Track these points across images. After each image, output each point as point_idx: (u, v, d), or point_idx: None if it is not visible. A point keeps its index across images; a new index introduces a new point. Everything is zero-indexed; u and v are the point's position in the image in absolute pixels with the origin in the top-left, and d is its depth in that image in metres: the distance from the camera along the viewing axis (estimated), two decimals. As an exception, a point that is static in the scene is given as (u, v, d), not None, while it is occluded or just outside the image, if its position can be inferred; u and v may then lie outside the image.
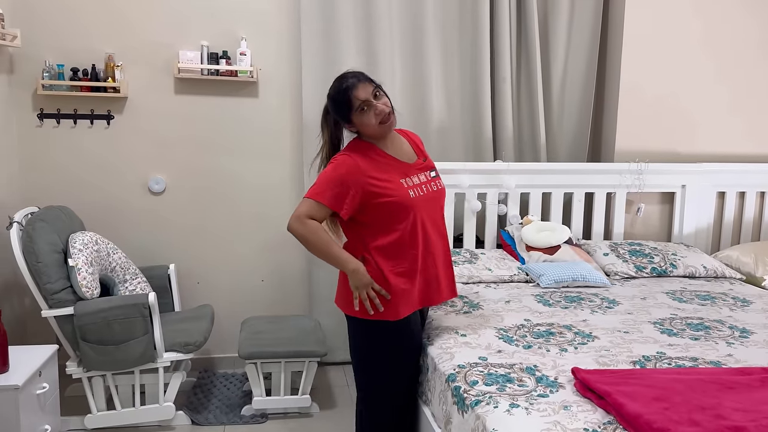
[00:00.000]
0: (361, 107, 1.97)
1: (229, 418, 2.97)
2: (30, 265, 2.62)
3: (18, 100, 3.20)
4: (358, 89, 1.97)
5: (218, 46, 3.30)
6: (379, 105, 1.98)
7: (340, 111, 2.02)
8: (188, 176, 3.40)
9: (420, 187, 2.05)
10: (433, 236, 2.08)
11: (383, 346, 2.07)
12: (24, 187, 3.24)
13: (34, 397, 2.40)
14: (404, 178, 2.03)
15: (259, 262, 3.55)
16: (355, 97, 1.96)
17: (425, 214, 2.04)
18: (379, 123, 2.00)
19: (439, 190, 2.12)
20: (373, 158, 2.03)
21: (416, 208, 2.02)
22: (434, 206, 2.10)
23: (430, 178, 2.10)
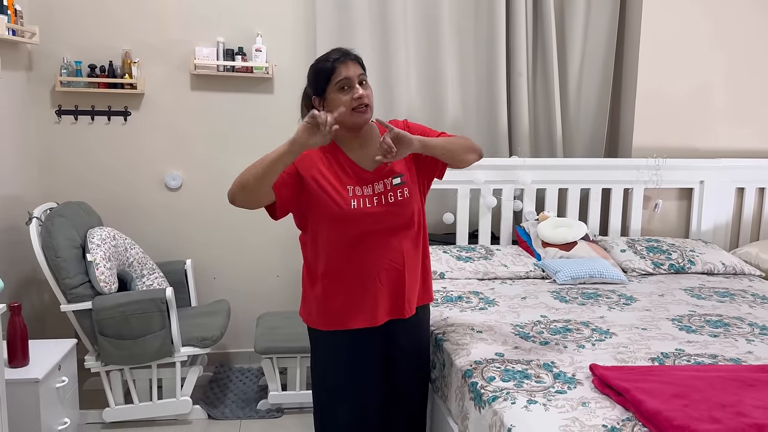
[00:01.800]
0: (341, 85, 1.79)
1: (245, 413, 2.99)
2: (49, 260, 2.65)
3: (36, 97, 3.23)
4: (348, 66, 1.80)
5: (234, 42, 3.31)
6: (361, 90, 1.79)
7: (317, 81, 1.84)
8: (205, 172, 3.42)
9: (369, 199, 1.85)
10: (376, 252, 1.87)
11: (314, 352, 2.02)
12: (42, 182, 3.27)
13: (53, 391, 2.43)
14: (354, 186, 1.85)
15: (275, 258, 3.56)
16: (338, 70, 1.79)
17: (371, 228, 1.85)
18: (352, 108, 1.79)
19: (399, 201, 1.88)
20: (329, 159, 1.87)
21: (355, 221, 1.84)
22: (391, 219, 1.88)
23: (389, 186, 1.87)
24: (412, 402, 2.10)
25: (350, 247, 1.87)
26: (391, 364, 2.00)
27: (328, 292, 1.90)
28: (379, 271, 1.89)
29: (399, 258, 1.91)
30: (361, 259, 1.88)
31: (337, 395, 1.99)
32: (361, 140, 1.89)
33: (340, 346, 1.95)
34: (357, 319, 1.90)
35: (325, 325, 1.94)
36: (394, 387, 2.03)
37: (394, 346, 1.99)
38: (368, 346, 1.95)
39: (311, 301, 1.96)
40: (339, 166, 1.88)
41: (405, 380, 2.05)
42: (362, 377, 1.96)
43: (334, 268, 1.89)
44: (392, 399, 2.04)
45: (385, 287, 1.90)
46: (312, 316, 1.96)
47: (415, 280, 1.97)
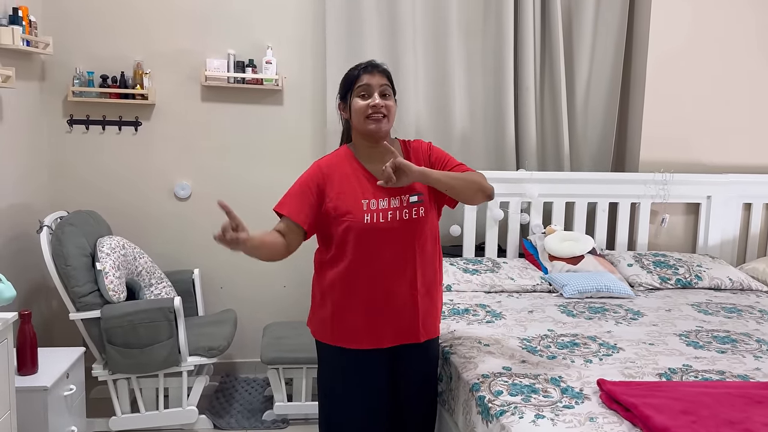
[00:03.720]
0: (361, 91, 1.86)
1: (250, 423, 2.99)
2: (59, 269, 2.67)
3: (49, 107, 3.27)
4: (373, 75, 1.87)
5: (244, 54, 3.35)
6: (378, 99, 1.84)
7: (343, 86, 1.93)
8: (213, 182, 3.44)
9: (383, 213, 1.84)
10: (388, 272, 1.86)
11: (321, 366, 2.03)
12: (53, 191, 3.30)
13: (61, 399, 2.44)
14: (369, 200, 1.85)
15: (281, 269, 3.53)
16: (362, 78, 1.86)
17: (383, 244, 1.85)
18: (366, 116, 1.84)
19: (415, 220, 1.87)
20: (345, 169, 1.90)
21: (367, 236, 1.84)
22: (403, 237, 1.87)
23: (405, 203, 1.87)
24: (418, 422, 2.09)
25: (361, 265, 1.87)
26: (399, 384, 2.00)
27: (337, 309, 1.91)
28: (391, 292, 1.88)
29: (412, 280, 1.90)
30: (372, 279, 1.87)
31: (343, 408, 1.99)
32: (379, 154, 1.88)
33: (347, 364, 1.94)
34: (364, 339, 1.91)
35: (333, 340, 1.94)
36: (400, 406, 2.03)
37: (402, 368, 1.99)
38: (376, 365, 1.95)
39: (320, 315, 1.97)
40: (356, 179, 1.90)
41: (412, 401, 2.04)
42: (368, 394, 1.96)
43: (344, 286, 1.89)
44: (398, 418, 2.04)
45: (397, 309, 1.90)
46: (320, 329, 1.98)
47: (428, 304, 1.95)
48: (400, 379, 2.00)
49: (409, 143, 2.02)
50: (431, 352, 2.08)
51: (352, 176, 1.90)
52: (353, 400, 1.96)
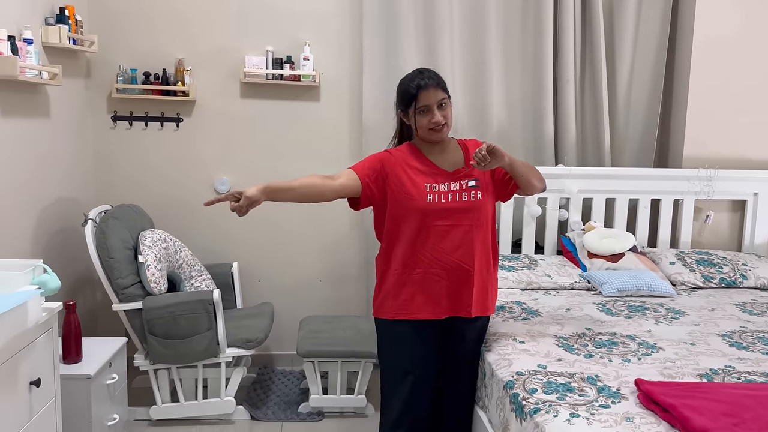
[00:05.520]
0: (421, 110, 2.04)
1: (286, 415, 3.03)
2: (103, 261, 2.75)
3: (94, 103, 3.37)
4: (429, 93, 2.02)
5: (283, 51, 3.38)
6: (437, 115, 2.03)
7: (402, 101, 2.10)
8: (252, 177, 3.49)
9: (444, 194, 2.04)
10: (447, 249, 2.04)
11: (379, 342, 2.18)
12: (98, 185, 3.40)
13: (104, 387, 2.52)
14: (431, 183, 2.04)
15: (318, 263, 3.61)
16: (421, 98, 2.02)
17: (444, 223, 2.03)
18: (429, 129, 2.05)
19: (473, 202, 2.05)
20: (410, 158, 2.09)
21: (429, 214, 2.02)
22: (462, 216, 2.05)
23: (465, 186, 2.06)
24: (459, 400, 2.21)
25: (423, 240, 2.03)
26: (447, 359, 2.16)
27: (398, 282, 2.07)
28: (449, 267, 2.04)
29: (469, 258, 2.06)
30: (432, 254, 2.04)
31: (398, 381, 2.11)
32: (440, 147, 2.13)
33: (404, 335, 2.09)
34: (423, 310, 2.06)
35: (393, 314, 2.08)
36: (448, 382, 2.17)
37: (453, 341, 2.15)
38: (431, 336, 2.10)
39: (382, 292, 2.12)
40: (420, 166, 2.08)
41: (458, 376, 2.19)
42: (421, 365, 2.10)
43: (406, 261, 2.06)
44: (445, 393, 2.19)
45: (453, 283, 2.05)
46: (382, 307, 2.12)
47: (482, 282, 2.10)
48: (449, 353, 2.15)
49: (465, 142, 2.19)
50: (480, 330, 2.21)
51: (417, 164, 2.09)
52: (406, 371, 2.09)
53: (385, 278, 2.11)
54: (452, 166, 2.10)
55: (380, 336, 2.18)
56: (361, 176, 2.06)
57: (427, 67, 2.14)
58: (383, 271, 2.13)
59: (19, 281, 1.72)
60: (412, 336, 2.08)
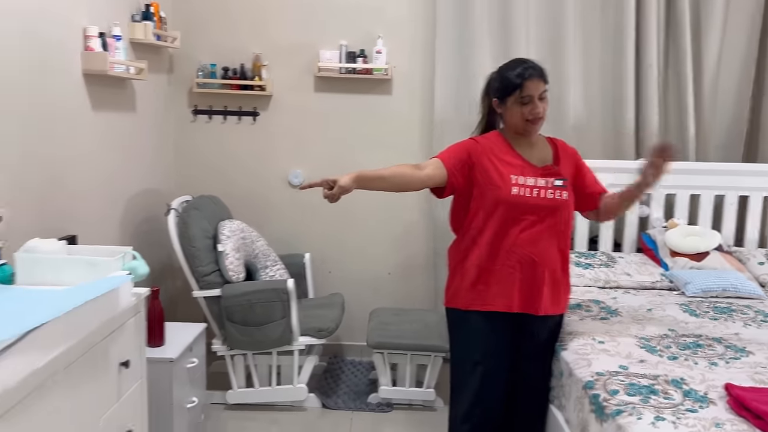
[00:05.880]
0: (523, 99, 1.99)
1: (356, 404, 3.07)
2: (185, 249, 2.86)
3: (175, 98, 3.50)
4: (534, 83, 1.98)
5: (356, 45, 3.40)
6: (539, 106, 1.99)
7: (502, 88, 2.04)
8: (324, 170, 3.50)
9: (530, 189, 2.01)
10: (523, 243, 2.01)
11: (450, 332, 2.18)
12: (179, 177, 3.54)
13: (184, 371, 2.61)
14: (518, 176, 2.01)
15: (387, 256, 3.63)
16: (526, 87, 1.97)
17: (525, 217, 2.01)
18: (526, 120, 2.01)
19: (557, 200, 2.03)
20: (498, 148, 2.06)
21: (512, 206, 2.00)
22: (544, 214, 2.02)
23: (551, 185, 2.03)
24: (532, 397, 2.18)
25: (502, 233, 2.01)
26: (518, 354, 2.12)
27: (473, 273, 2.06)
28: (524, 262, 2.02)
29: (545, 255, 2.04)
30: (510, 247, 2.02)
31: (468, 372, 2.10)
32: (528, 141, 2.09)
33: (476, 325, 2.08)
34: (496, 301, 2.04)
35: (465, 304, 2.07)
36: (519, 377, 2.14)
37: (523, 338, 2.11)
38: (503, 328, 2.07)
39: (455, 282, 2.11)
40: (508, 157, 2.05)
41: (529, 372, 2.15)
42: (492, 357, 2.08)
43: (483, 252, 2.04)
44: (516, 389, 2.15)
45: (526, 279, 2.03)
46: (455, 296, 2.11)
47: (554, 281, 2.07)
48: (521, 349, 2.12)
49: (555, 141, 2.17)
50: (553, 329, 2.17)
51: (503, 154, 2.06)
52: (477, 362, 2.08)
53: (460, 268, 2.10)
54: (541, 161, 2.07)
55: (451, 326, 2.17)
56: (448, 166, 2.03)
57: (526, 58, 2.09)
58: (458, 261, 2.12)
59: (111, 267, 1.81)
60: (484, 327, 2.07)
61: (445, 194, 2.10)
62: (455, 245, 2.16)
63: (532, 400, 2.18)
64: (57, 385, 1.47)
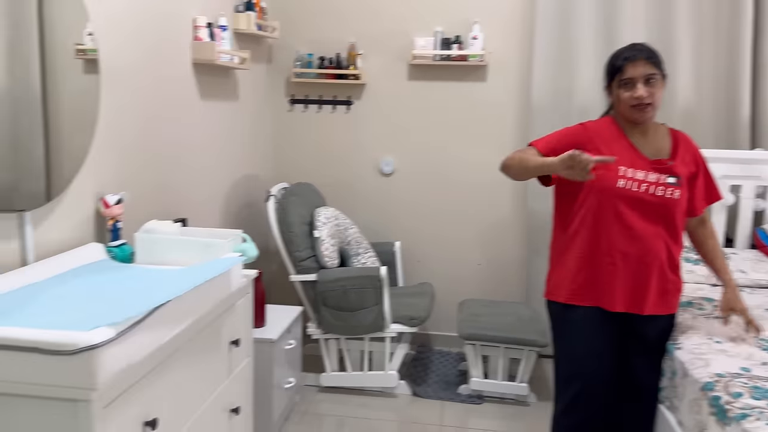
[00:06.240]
0: (624, 81, 1.91)
1: (446, 395, 3.06)
2: (283, 234, 2.93)
3: (273, 87, 3.59)
4: (636, 65, 1.89)
5: (451, 31, 3.36)
6: (641, 90, 1.88)
7: (607, 72, 1.99)
8: (416, 159, 3.54)
9: (638, 183, 1.90)
10: (629, 239, 1.91)
11: (551, 325, 2.11)
12: (276, 164, 3.64)
13: (283, 352, 2.69)
14: (627, 167, 1.91)
15: (477, 246, 3.59)
16: (626, 70, 1.90)
17: (630, 212, 1.90)
18: (630, 106, 1.91)
19: (668, 199, 1.91)
20: (609, 136, 1.97)
21: (617, 199, 1.90)
22: (651, 210, 1.91)
23: (662, 181, 1.91)
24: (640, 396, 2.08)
25: (606, 227, 1.93)
26: (627, 354, 2.03)
27: (574, 267, 1.98)
28: (628, 259, 1.92)
29: (650, 253, 1.93)
30: (612, 242, 1.93)
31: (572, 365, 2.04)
32: (643, 129, 1.98)
33: (575, 319, 2.01)
34: (596, 298, 1.96)
35: (565, 298, 2.01)
36: (627, 376, 2.05)
37: (629, 337, 2.01)
38: (605, 326, 1.98)
39: (556, 275, 2.06)
40: (618, 146, 1.95)
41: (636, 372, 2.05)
42: (595, 354, 2.00)
43: (584, 245, 1.96)
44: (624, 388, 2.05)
45: (630, 277, 1.93)
46: (555, 290, 2.06)
47: (661, 281, 1.96)
48: (627, 347, 2.03)
49: (678, 134, 2.04)
50: (663, 329, 2.05)
51: (614, 143, 1.96)
52: (579, 356, 2.02)
53: (561, 261, 2.04)
54: (655, 153, 1.96)
55: (552, 319, 2.12)
56: (545, 154, 1.96)
57: (643, 42, 1.99)
58: (559, 253, 2.06)
59: (223, 249, 1.88)
60: (585, 322, 2.00)
61: (551, 183, 2.05)
62: (557, 237, 2.10)
63: (640, 400, 2.08)
64: (177, 361, 1.54)
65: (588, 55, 3.21)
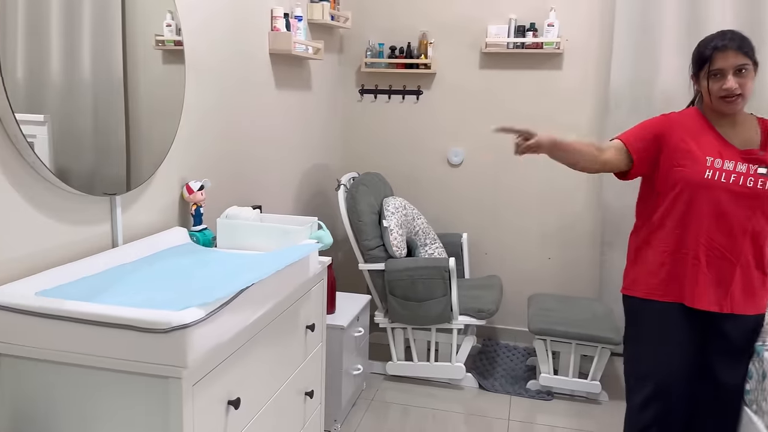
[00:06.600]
0: (713, 72, 1.83)
1: (514, 389, 3.02)
2: (353, 223, 2.95)
3: (344, 77, 3.61)
4: (726, 55, 1.80)
5: (526, 18, 3.29)
6: (731, 81, 1.79)
7: (695, 61, 1.91)
8: (485, 149, 3.49)
9: (727, 174, 1.82)
10: (713, 235, 1.84)
11: (626, 320, 2.06)
12: (346, 154, 3.66)
13: (352, 339, 2.72)
14: (714, 158, 1.84)
15: (548, 240, 3.51)
16: (715, 60, 1.81)
17: (719, 204, 1.83)
18: (719, 97, 1.83)
19: (759, 190, 1.83)
20: (694, 126, 1.90)
21: (703, 190, 1.83)
22: (740, 203, 1.83)
23: (753, 171, 1.83)
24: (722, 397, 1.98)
25: (690, 220, 1.87)
26: (709, 354, 1.95)
27: (654, 261, 1.93)
28: (711, 255, 1.86)
29: (736, 249, 1.85)
30: (697, 236, 1.86)
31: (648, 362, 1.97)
32: (731, 120, 1.90)
33: (653, 315, 1.95)
34: (676, 294, 1.91)
35: (644, 293, 1.96)
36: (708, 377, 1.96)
37: (710, 334, 1.93)
38: (682, 324, 1.92)
39: (635, 269, 2.00)
40: (704, 138, 1.89)
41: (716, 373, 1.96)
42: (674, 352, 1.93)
43: (666, 239, 1.91)
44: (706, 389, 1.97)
45: (712, 273, 1.86)
46: (633, 284, 2.00)
47: (747, 278, 1.88)
48: (708, 347, 1.95)
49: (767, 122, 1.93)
50: (748, 329, 1.95)
51: (700, 133, 1.89)
52: (654, 354, 1.96)
53: (642, 255, 1.98)
54: (744, 143, 1.87)
55: (628, 314, 2.06)
56: (632, 150, 1.92)
57: (733, 29, 1.89)
58: (638, 247, 2.00)
59: (301, 235, 1.91)
60: (663, 318, 1.94)
61: (629, 177, 2.00)
62: (636, 230, 2.04)
63: (722, 402, 1.99)
64: (258, 343, 1.58)
65: (671, 41, 3.07)
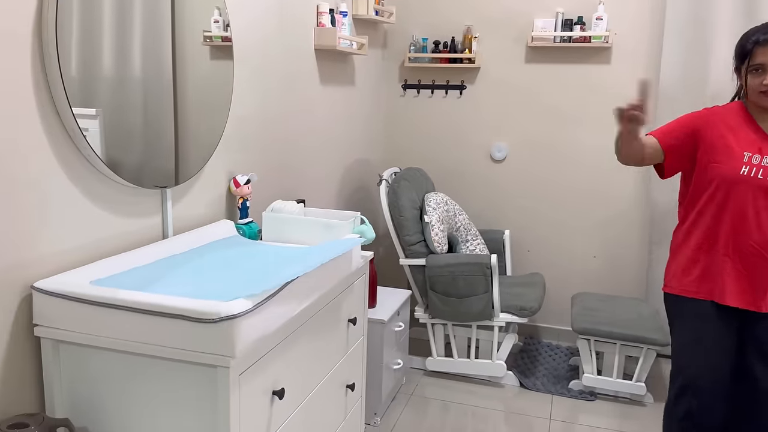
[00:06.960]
0: (755, 67, 1.80)
1: (556, 389, 2.97)
2: (394, 218, 2.96)
3: (387, 72, 3.61)
4: (766, 49, 1.77)
5: (574, 11, 3.23)
6: None
7: (736, 55, 1.88)
8: (530, 145, 3.44)
9: (765, 170, 1.80)
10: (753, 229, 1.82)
11: (668, 318, 2.04)
12: (388, 149, 3.67)
13: (392, 333, 2.73)
14: (752, 154, 1.81)
15: (592, 238, 3.44)
16: (756, 54, 1.78)
17: (753, 201, 1.81)
18: (759, 92, 1.81)
19: None
20: (735, 120, 1.88)
21: (739, 186, 1.81)
22: None
23: None
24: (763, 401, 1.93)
25: (725, 216, 1.85)
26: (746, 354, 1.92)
27: (690, 258, 1.93)
28: (745, 252, 1.84)
29: None
30: (731, 233, 1.85)
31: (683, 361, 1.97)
32: None
33: (689, 313, 1.94)
34: (707, 291, 1.90)
35: (679, 290, 1.96)
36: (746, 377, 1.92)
37: (748, 334, 1.91)
38: (721, 321, 1.90)
39: (673, 266, 1.99)
40: (744, 132, 1.86)
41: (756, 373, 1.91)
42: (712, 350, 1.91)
43: (702, 236, 1.90)
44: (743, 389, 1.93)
45: (747, 271, 1.85)
46: (671, 281, 1.99)
47: None
48: (746, 346, 1.93)
49: None
50: None
51: (740, 128, 1.87)
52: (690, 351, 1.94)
53: (679, 252, 1.98)
54: None
55: (668, 312, 2.05)
56: (664, 146, 1.92)
57: None
58: (678, 244, 1.99)
59: (344, 229, 1.92)
60: (694, 315, 1.93)
61: (665, 176, 1.99)
62: (677, 228, 2.02)
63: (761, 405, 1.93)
64: (302, 335, 1.60)
65: (725, 36, 2.97)
